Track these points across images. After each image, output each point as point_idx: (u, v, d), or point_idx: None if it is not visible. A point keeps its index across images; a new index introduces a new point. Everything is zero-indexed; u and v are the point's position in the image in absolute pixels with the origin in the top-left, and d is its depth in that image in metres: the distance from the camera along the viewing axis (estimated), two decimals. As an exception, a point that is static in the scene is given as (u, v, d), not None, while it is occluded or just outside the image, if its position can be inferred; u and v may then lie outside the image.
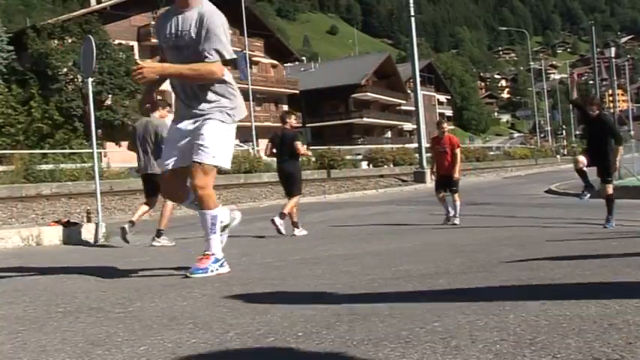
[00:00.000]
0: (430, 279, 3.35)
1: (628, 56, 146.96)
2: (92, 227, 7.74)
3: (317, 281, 3.47)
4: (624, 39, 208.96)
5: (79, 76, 30.36)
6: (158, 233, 7.15)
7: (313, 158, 8.86)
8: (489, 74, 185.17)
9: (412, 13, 24.12)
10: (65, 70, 31.83)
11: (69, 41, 32.50)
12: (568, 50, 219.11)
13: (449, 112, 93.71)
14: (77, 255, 6.18)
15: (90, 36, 8.79)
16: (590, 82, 60.38)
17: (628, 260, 3.77)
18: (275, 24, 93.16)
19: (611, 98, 61.12)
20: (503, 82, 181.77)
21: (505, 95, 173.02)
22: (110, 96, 31.96)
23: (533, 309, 2.31)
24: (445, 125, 9.60)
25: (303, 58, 77.59)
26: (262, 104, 51.81)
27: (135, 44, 39.29)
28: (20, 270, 4.56)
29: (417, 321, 2.20)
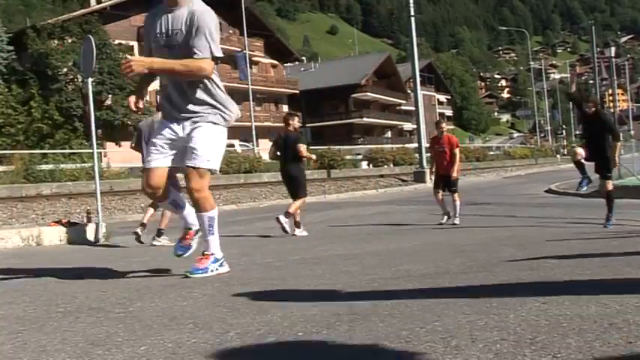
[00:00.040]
0: (430, 279, 3.35)
1: (628, 56, 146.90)
2: (92, 227, 7.75)
3: (317, 281, 3.47)
4: (624, 39, 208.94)
5: (79, 76, 30.38)
6: (159, 233, 7.16)
7: (315, 158, 8.80)
8: (489, 74, 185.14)
9: (412, 13, 24.12)
10: (65, 70, 31.85)
11: (69, 41, 32.51)
12: (568, 50, 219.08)
13: (449, 112, 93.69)
14: (77, 255, 6.18)
15: (90, 36, 8.79)
16: (590, 81, 60.37)
17: (628, 260, 3.77)
18: (275, 24, 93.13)
19: (611, 98, 61.10)
20: (503, 82, 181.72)
21: (505, 95, 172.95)
22: (110, 96, 31.98)
23: (534, 309, 2.31)
24: (444, 125, 9.61)
25: (303, 58, 77.60)
26: (262, 104, 51.81)
27: (135, 44, 39.27)
28: (20, 270, 4.56)
29: (417, 321, 2.20)
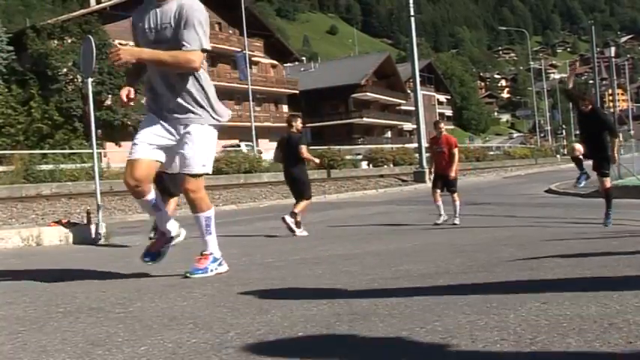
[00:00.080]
0: (430, 279, 3.36)
1: (628, 56, 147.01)
2: (92, 227, 7.74)
3: (317, 281, 3.47)
4: (624, 38, 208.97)
5: (78, 76, 30.39)
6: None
7: (317, 161, 8.85)
8: (489, 74, 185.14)
9: (412, 13, 24.12)
10: (65, 70, 31.85)
11: (69, 41, 32.51)
12: (568, 50, 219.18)
13: (449, 112, 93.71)
14: (77, 255, 6.18)
15: (90, 36, 8.79)
16: (590, 81, 60.37)
17: (628, 259, 3.77)
18: (275, 24, 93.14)
19: (611, 98, 61.11)
20: (503, 82, 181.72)
21: (505, 95, 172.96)
22: (110, 96, 31.98)
23: (534, 308, 2.31)
24: (442, 125, 9.67)
25: (303, 58, 77.61)
26: (262, 104, 51.82)
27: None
28: (20, 270, 4.56)
29: (417, 321, 2.20)
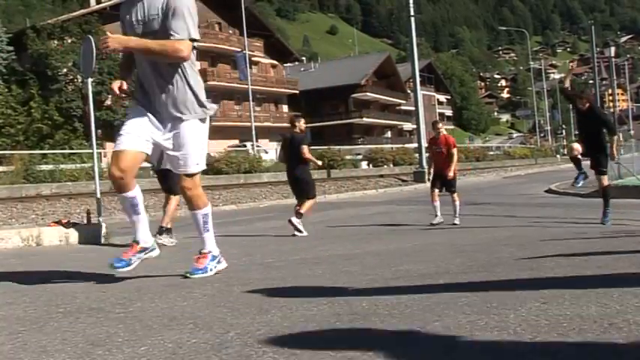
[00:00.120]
0: (430, 279, 3.36)
1: (628, 56, 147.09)
2: (92, 228, 7.73)
3: (317, 281, 3.47)
4: (624, 38, 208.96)
5: (78, 76, 30.39)
6: (160, 230, 7.16)
7: (320, 164, 8.92)
8: (489, 74, 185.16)
9: (412, 13, 24.12)
10: (65, 70, 31.85)
11: (69, 41, 32.52)
12: (568, 50, 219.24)
13: (449, 112, 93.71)
14: (77, 255, 6.18)
15: (90, 36, 8.79)
16: (590, 81, 60.39)
17: (629, 259, 3.77)
18: (275, 24, 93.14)
19: (610, 98, 61.13)
20: (503, 82, 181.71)
21: (505, 95, 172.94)
22: (110, 96, 31.98)
23: (534, 308, 2.31)
24: (440, 125, 9.71)
25: (303, 58, 77.59)
26: (262, 104, 51.82)
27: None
28: (20, 270, 4.56)
29: (417, 321, 2.20)
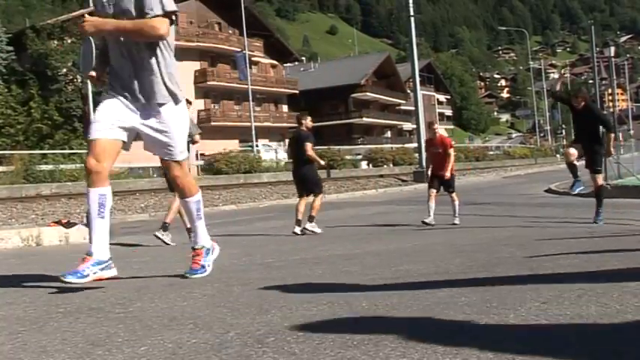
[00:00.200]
0: (430, 279, 3.35)
1: (627, 55, 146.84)
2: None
3: (317, 281, 3.47)
4: (623, 38, 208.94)
5: (78, 76, 30.38)
6: (164, 227, 7.18)
7: (323, 163, 9.01)
8: (489, 74, 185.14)
9: (411, 13, 24.13)
10: (65, 70, 31.84)
11: (68, 41, 32.51)
12: (567, 50, 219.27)
13: (448, 112, 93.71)
14: (77, 255, 6.17)
15: (89, 36, 8.77)
16: (590, 81, 60.40)
17: (628, 259, 3.77)
18: (274, 24, 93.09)
19: (610, 98, 61.13)
20: (503, 82, 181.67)
21: (505, 95, 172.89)
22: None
23: (534, 308, 2.31)
24: (436, 126, 9.82)
25: (303, 58, 77.66)
26: (262, 104, 51.81)
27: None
28: (20, 270, 4.56)
29: (417, 321, 2.20)
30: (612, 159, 14.65)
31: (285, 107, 54.95)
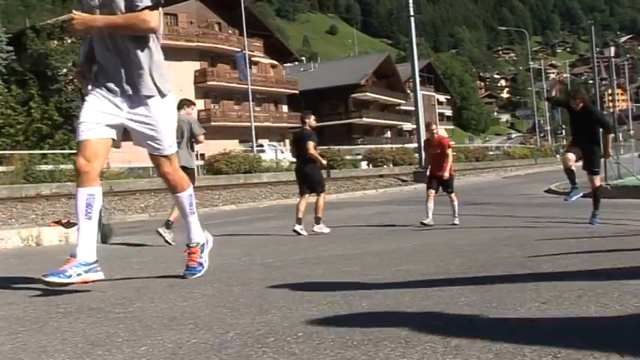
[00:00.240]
0: (430, 279, 3.35)
1: (627, 56, 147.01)
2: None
3: (317, 281, 3.47)
4: (623, 38, 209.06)
5: (78, 76, 30.33)
6: (167, 224, 7.19)
7: (325, 163, 9.06)
8: (489, 74, 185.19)
9: (411, 13, 24.14)
10: (65, 70, 31.83)
11: (68, 41, 32.50)
12: (567, 50, 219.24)
13: (448, 112, 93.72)
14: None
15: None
16: (590, 81, 60.38)
17: (628, 259, 3.77)
18: (274, 24, 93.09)
19: (610, 98, 61.12)
20: (503, 82, 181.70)
21: (505, 95, 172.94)
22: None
23: (534, 308, 2.31)
24: (434, 127, 9.86)
25: (303, 58, 77.69)
26: (262, 104, 51.83)
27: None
28: (20, 270, 4.56)
29: (416, 321, 2.20)
30: (612, 159, 14.66)
31: (285, 107, 54.97)
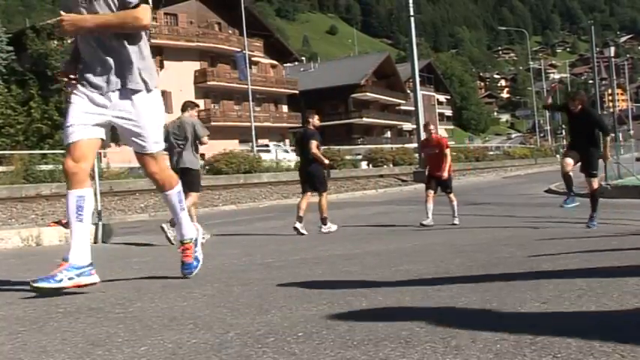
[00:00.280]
0: (430, 279, 3.35)
1: (627, 55, 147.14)
2: (92, 228, 7.74)
3: (317, 281, 3.47)
4: (623, 38, 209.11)
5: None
6: (172, 222, 7.20)
7: (327, 162, 9.12)
8: (489, 74, 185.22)
9: (411, 13, 24.14)
10: (65, 70, 31.83)
11: (68, 41, 32.43)
12: (567, 50, 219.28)
13: (448, 112, 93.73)
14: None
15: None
16: (590, 81, 60.37)
17: (628, 259, 3.77)
18: (274, 24, 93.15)
19: (610, 98, 61.10)
20: (503, 82, 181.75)
21: (505, 95, 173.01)
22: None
23: (534, 308, 2.31)
24: (432, 127, 9.90)
25: (303, 59, 77.69)
26: (262, 104, 51.84)
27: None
28: (20, 270, 4.56)
29: (417, 321, 2.20)
30: (612, 159, 14.65)
31: (285, 107, 54.97)
